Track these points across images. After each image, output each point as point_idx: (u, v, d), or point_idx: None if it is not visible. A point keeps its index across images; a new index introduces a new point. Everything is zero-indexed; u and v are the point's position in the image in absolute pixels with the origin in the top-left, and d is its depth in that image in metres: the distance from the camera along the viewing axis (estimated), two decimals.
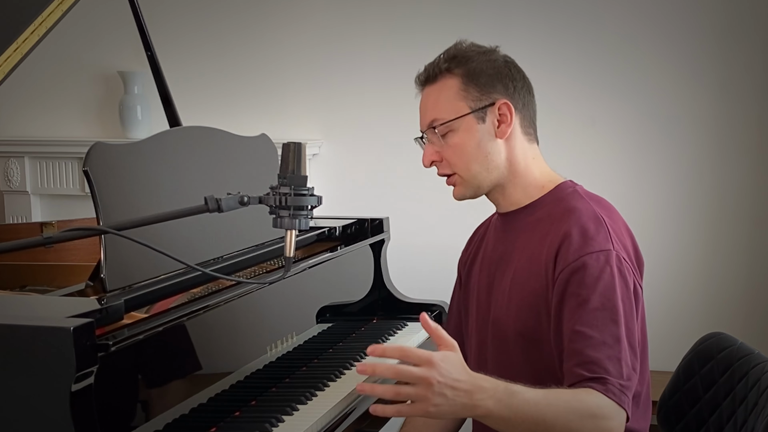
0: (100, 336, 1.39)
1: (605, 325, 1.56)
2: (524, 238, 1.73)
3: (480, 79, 1.70)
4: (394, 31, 3.49)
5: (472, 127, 1.70)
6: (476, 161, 1.72)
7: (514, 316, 1.70)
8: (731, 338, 1.85)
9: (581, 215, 1.65)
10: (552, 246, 1.64)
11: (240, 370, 1.78)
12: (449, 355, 1.45)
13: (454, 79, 1.71)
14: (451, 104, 1.71)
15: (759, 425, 1.62)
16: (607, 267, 1.58)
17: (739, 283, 3.27)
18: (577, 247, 1.61)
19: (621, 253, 1.62)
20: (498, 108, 1.70)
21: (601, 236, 1.62)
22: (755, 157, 3.23)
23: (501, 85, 1.71)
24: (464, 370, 1.45)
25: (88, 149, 1.69)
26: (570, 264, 1.60)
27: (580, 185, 1.77)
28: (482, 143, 1.71)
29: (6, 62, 2.07)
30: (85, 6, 2.35)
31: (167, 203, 1.79)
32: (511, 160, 1.73)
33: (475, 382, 1.44)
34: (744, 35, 3.19)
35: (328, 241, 2.36)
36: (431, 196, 3.47)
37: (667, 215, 3.32)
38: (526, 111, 1.74)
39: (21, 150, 3.77)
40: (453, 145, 1.72)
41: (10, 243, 1.41)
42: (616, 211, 1.75)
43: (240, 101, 3.66)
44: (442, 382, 1.41)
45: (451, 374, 1.42)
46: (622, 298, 1.58)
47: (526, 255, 1.70)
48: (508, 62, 1.75)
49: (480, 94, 1.70)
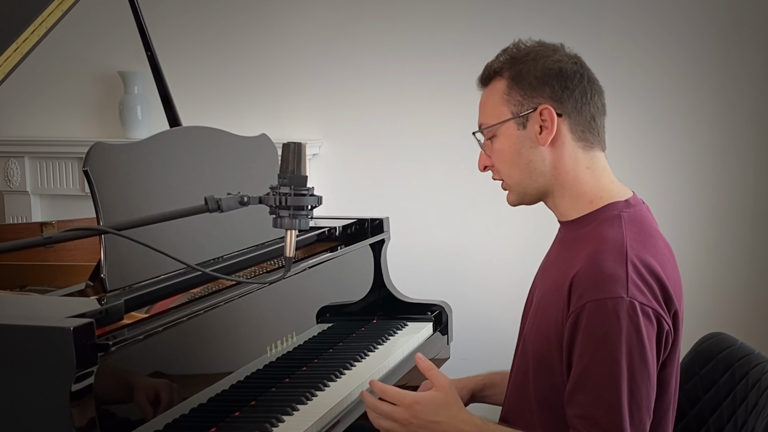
0: (100, 336, 1.39)
1: (604, 381, 1.48)
2: (561, 255, 1.66)
3: (524, 82, 1.62)
4: (395, 31, 3.49)
5: (512, 133, 1.63)
6: (518, 168, 1.64)
7: (533, 335, 1.64)
8: (731, 338, 1.85)
9: (603, 248, 1.53)
10: (568, 279, 1.54)
11: (240, 370, 1.78)
12: (429, 396, 1.55)
13: (501, 82, 1.64)
14: (495, 109, 1.64)
15: (759, 425, 1.62)
16: (613, 317, 1.47)
17: (740, 284, 3.27)
18: (584, 289, 1.50)
19: (638, 299, 1.48)
20: (540, 113, 1.60)
21: (615, 280, 1.49)
22: (756, 157, 3.23)
23: (548, 88, 1.61)
24: (446, 412, 1.54)
25: (88, 149, 1.69)
26: (577, 308, 1.50)
27: (637, 209, 1.63)
28: (523, 150, 1.62)
29: (6, 62, 2.07)
30: (85, 6, 2.35)
31: (167, 203, 1.79)
32: (558, 168, 1.62)
33: (455, 425, 1.53)
34: (745, 35, 3.19)
35: (328, 241, 2.36)
36: (431, 196, 3.47)
37: (667, 215, 3.32)
38: (579, 116, 1.63)
39: (21, 150, 3.77)
40: (496, 150, 1.66)
41: (10, 243, 1.41)
42: (660, 243, 1.63)
43: (240, 101, 3.66)
44: (414, 423, 1.53)
45: (428, 415, 1.53)
46: (629, 351, 1.47)
47: (555, 277, 1.62)
48: (564, 62, 1.64)
49: (522, 98, 1.62)
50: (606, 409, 1.48)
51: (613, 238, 1.54)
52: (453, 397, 1.57)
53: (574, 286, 1.52)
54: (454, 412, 1.55)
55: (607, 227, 1.57)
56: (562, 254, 1.65)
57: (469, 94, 1.81)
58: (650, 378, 1.50)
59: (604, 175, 1.66)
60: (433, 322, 2.49)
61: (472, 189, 3.39)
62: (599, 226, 1.59)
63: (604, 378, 1.48)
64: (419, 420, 1.53)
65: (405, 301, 2.54)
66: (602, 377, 1.48)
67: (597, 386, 1.48)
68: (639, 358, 1.48)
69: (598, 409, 1.48)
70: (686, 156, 3.28)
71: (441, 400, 1.55)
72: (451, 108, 3.36)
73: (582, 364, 1.50)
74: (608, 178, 1.66)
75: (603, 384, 1.48)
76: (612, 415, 1.47)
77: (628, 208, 1.61)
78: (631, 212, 1.61)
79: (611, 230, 1.56)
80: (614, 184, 1.66)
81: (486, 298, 3.40)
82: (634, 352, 1.47)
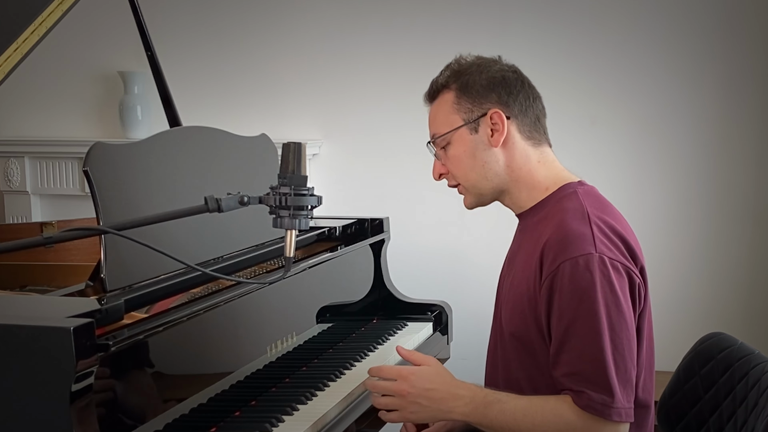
0: (100, 336, 1.39)
1: (586, 336, 1.56)
2: (527, 240, 1.75)
3: (472, 91, 1.74)
4: (394, 30, 3.49)
5: (465, 138, 1.75)
6: (473, 170, 1.76)
7: (508, 317, 1.73)
8: (731, 338, 1.85)
9: (566, 215, 1.65)
10: (538, 250, 1.65)
11: (240, 370, 1.78)
12: (422, 369, 1.67)
13: (449, 94, 1.77)
14: (447, 118, 1.77)
15: (759, 425, 1.62)
16: (587, 273, 1.56)
17: (740, 283, 3.27)
18: (556, 253, 1.60)
19: (606, 254, 1.58)
20: (490, 117, 1.72)
21: (583, 238, 1.59)
22: (755, 157, 3.23)
23: (494, 95, 1.73)
24: (439, 379, 1.65)
25: (88, 149, 1.69)
26: (551, 272, 1.60)
27: (590, 186, 1.76)
28: (477, 153, 1.74)
29: (6, 62, 2.07)
30: (85, 6, 2.35)
31: (167, 203, 1.79)
32: (512, 166, 1.75)
33: (450, 390, 1.64)
34: (745, 35, 3.19)
35: (328, 241, 2.36)
36: (431, 196, 3.47)
37: (668, 215, 3.32)
38: (525, 117, 1.75)
39: (21, 150, 3.77)
40: (451, 157, 1.78)
41: (10, 243, 1.41)
42: (616, 211, 1.73)
43: (240, 101, 3.66)
44: (413, 392, 1.63)
45: (423, 385, 1.63)
46: (606, 304, 1.56)
47: (524, 258, 1.72)
48: (506, 71, 1.77)
49: (472, 105, 1.74)
50: (591, 362, 1.56)
51: (574, 207, 1.67)
52: (440, 367, 1.70)
53: (545, 254, 1.62)
54: (446, 379, 1.66)
55: (566, 201, 1.70)
56: (526, 239, 1.75)
57: None
58: (629, 329, 1.59)
59: (554, 166, 1.78)
60: (433, 322, 2.49)
61: None
62: (558, 202, 1.71)
63: (585, 332, 1.56)
64: (416, 389, 1.63)
65: (405, 301, 2.54)
66: (584, 332, 1.56)
67: (580, 342, 1.56)
68: (615, 309, 1.57)
69: (584, 364, 1.56)
70: (686, 156, 3.28)
71: (433, 370, 1.67)
72: None
73: (562, 324, 1.58)
74: (558, 167, 1.79)
75: (585, 338, 1.56)
76: (598, 367, 1.55)
77: (581, 186, 1.75)
78: (585, 188, 1.74)
79: (570, 203, 1.69)
80: (564, 172, 1.79)
81: (486, 298, 3.38)
82: (609, 304, 1.56)
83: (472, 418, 1.62)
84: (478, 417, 1.61)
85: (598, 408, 1.54)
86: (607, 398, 1.54)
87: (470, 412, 1.61)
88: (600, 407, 1.54)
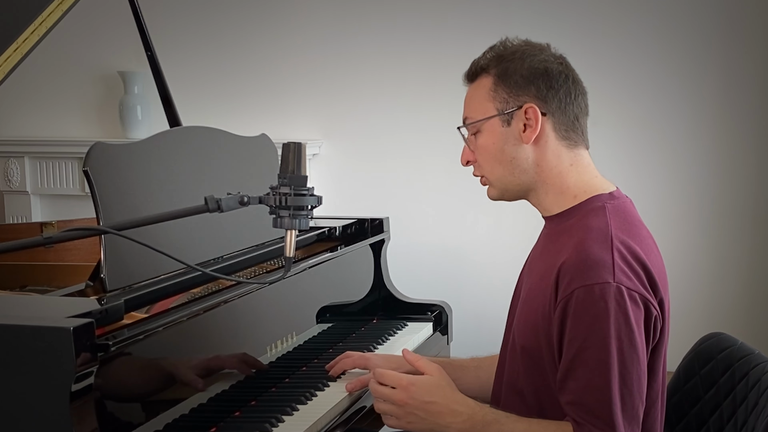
0: (100, 336, 1.39)
1: (595, 367, 1.49)
2: (547, 248, 1.67)
3: (510, 81, 1.63)
4: (394, 31, 3.49)
5: (496, 129, 1.64)
6: (500, 164, 1.66)
7: (520, 329, 1.66)
8: (732, 338, 1.85)
9: (587, 236, 1.55)
10: (555, 268, 1.56)
11: (241, 369, 1.78)
12: (424, 379, 1.62)
13: (488, 79, 1.65)
14: (481, 105, 1.66)
15: (759, 425, 1.62)
16: (601, 302, 1.48)
17: (740, 284, 3.27)
18: (572, 277, 1.51)
19: (625, 284, 1.49)
20: (525, 112, 1.62)
21: (602, 265, 1.50)
22: (755, 157, 3.23)
23: (533, 88, 1.62)
24: (440, 392, 1.60)
25: (88, 149, 1.69)
26: (565, 296, 1.52)
27: (622, 200, 1.65)
28: (507, 147, 1.64)
29: (6, 62, 2.07)
30: (85, 6, 2.35)
31: (167, 203, 1.79)
32: (542, 165, 1.64)
33: (449, 405, 1.59)
34: (746, 35, 3.19)
35: (328, 241, 2.36)
36: (431, 196, 3.47)
37: (668, 216, 3.32)
38: (563, 115, 1.64)
39: (21, 150, 3.78)
40: (480, 146, 1.67)
41: (10, 243, 1.41)
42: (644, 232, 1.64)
43: (240, 101, 3.66)
44: (411, 403, 1.59)
45: (422, 397, 1.59)
46: (619, 336, 1.48)
47: (542, 269, 1.64)
48: (550, 62, 1.65)
49: (508, 96, 1.63)
50: (597, 394, 1.49)
51: (598, 227, 1.56)
52: (445, 379, 1.64)
53: (561, 275, 1.53)
54: (447, 393, 1.61)
55: (591, 217, 1.59)
56: (548, 247, 1.67)
57: None
58: (640, 363, 1.51)
59: (587, 171, 1.67)
60: (433, 322, 2.49)
61: (472, 189, 3.37)
62: (584, 217, 1.61)
63: (594, 363, 1.49)
64: (415, 401, 1.59)
65: (405, 301, 2.54)
66: (592, 363, 1.49)
67: (587, 372, 1.50)
68: (628, 342, 1.49)
69: (589, 395, 1.50)
70: (687, 156, 3.28)
71: (434, 382, 1.62)
72: (452, 108, 3.35)
73: (572, 350, 1.51)
74: (592, 173, 1.68)
75: (593, 369, 1.49)
76: (603, 401, 1.49)
77: (612, 200, 1.63)
78: (615, 203, 1.63)
79: (596, 220, 1.58)
80: (598, 179, 1.68)
81: (486, 298, 3.40)
82: (623, 336, 1.49)
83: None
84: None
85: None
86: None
87: (467, 429, 1.57)
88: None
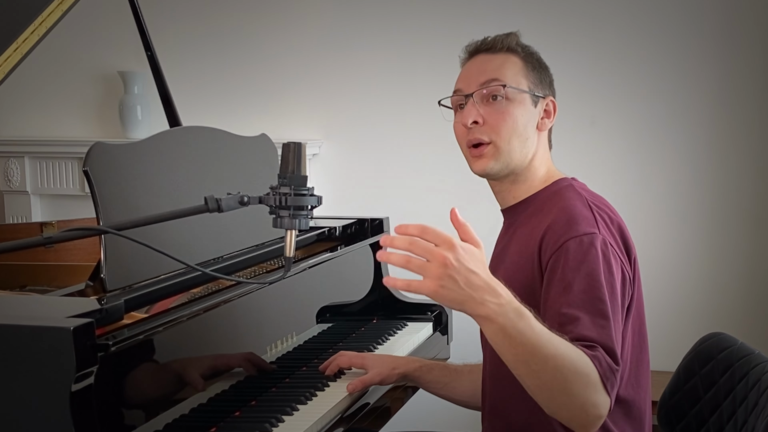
0: (100, 336, 1.39)
1: (592, 305, 1.52)
2: (519, 233, 1.74)
3: (537, 70, 1.77)
4: (395, 30, 3.49)
5: (527, 105, 1.74)
6: (518, 138, 1.73)
7: None
8: (731, 338, 1.85)
9: (568, 201, 1.66)
10: (536, 238, 1.64)
11: (240, 370, 1.78)
12: (472, 248, 1.41)
13: (517, 58, 1.76)
14: (516, 76, 1.74)
15: (759, 425, 1.62)
16: (592, 249, 1.56)
17: (740, 283, 3.27)
18: (561, 232, 1.60)
19: (608, 239, 1.60)
20: (547, 103, 1.77)
21: (587, 221, 1.61)
22: (755, 157, 3.23)
23: (550, 83, 1.80)
24: (483, 267, 1.40)
25: (88, 149, 1.69)
26: (554, 251, 1.58)
27: (581, 182, 1.79)
28: (529, 125, 1.74)
29: (6, 62, 2.07)
30: (85, 6, 2.35)
31: (167, 203, 1.79)
32: (536, 154, 1.76)
33: (490, 283, 1.39)
34: (745, 35, 3.19)
35: (328, 241, 2.36)
36: (431, 196, 3.47)
37: (668, 215, 3.32)
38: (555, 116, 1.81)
39: (21, 150, 3.77)
40: (504, 111, 1.72)
41: (10, 243, 1.41)
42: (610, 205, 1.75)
43: (240, 101, 3.66)
44: (455, 266, 1.36)
45: (468, 263, 1.37)
46: (606, 281, 1.55)
47: (517, 250, 1.71)
48: None
49: (539, 82, 1.76)
50: (598, 330, 1.50)
51: (574, 195, 1.69)
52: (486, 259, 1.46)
53: (547, 236, 1.61)
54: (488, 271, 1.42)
55: (564, 192, 1.71)
56: (518, 234, 1.74)
57: None
58: (618, 312, 1.56)
59: (552, 164, 1.82)
60: (433, 322, 2.49)
61: (472, 189, 3.38)
62: (556, 193, 1.72)
63: (590, 301, 1.52)
64: (459, 265, 1.37)
65: (405, 301, 2.54)
66: (589, 301, 1.52)
67: (585, 311, 1.51)
68: (610, 289, 1.55)
69: (591, 330, 1.49)
70: (686, 156, 3.28)
71: (480, 255, 1.42)
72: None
73: (567, 295, 1.53)
74: (555, 167, 1.82)
75: (591, 307, 1.52)
76: (604, 335, 1.49)
77: (575, 181, 1.78)
78: (579, 183, 1.77)
79: (568, 192, 1.71)
80: (559, 171, 1.81)
81: None
82: (607, 282, 1.55)
83: (499, 319, 1.39)
84: (508, 322, 1.39)
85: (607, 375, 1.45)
86: (615, 364, 1.47)
87: (502, 312, 1.39)
88: (608, 375, 1.45)
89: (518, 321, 1.39)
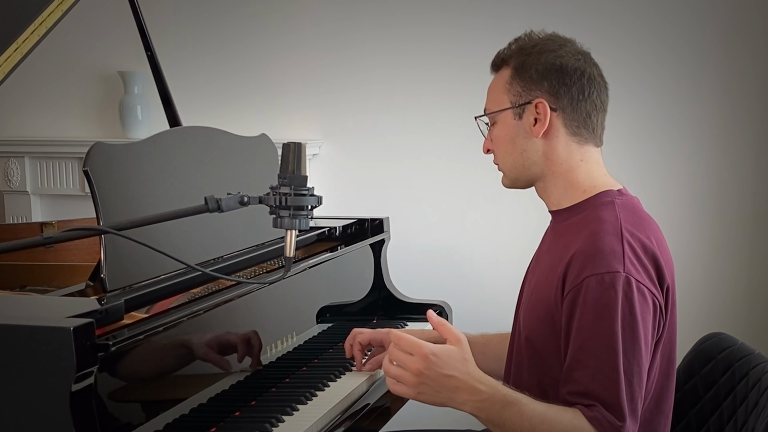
0: (100, 336, 1.39)
1: (604, 355, 1.49)
2: (555, 242, 1.70)
3: (526, 75, 1.68)
4: (395, 30, 3.49)
5: (509, 122, 1.70)
6: (511, 156, 1.71)
7: (526, 321, 1.67)
8: (732, 338, 1.85)
9: (599, 228, 1.58)
10: (564, 260, 1.58)
11: (240, 370, 1.78)
12: (446, 350, 1.50)
13: (507, 71, 1.72)
14: (497, 96, 1.72)
15: (759, 425, 1.62)
16: (611, 291, 1.50)
17: (740, 284, 3.27)
18: (582, 267, 1.54)
19: (633, 275, 1.53)
20: (535, 107, 1.67)
21: (612, 254, 1.53)
22: (756, 157, 3.23)
23: (547, 83, 1.66)
24: (462, 367, 1.49)
25: (88, 149, 1.69)
26: (575, 286, 1.54)
27: (629, 197, 1.70)
28: (518, 140, 1.69)
29: (6, 62, 2.07)
30: (85, 6, 2.35)
31: (167, 203, 1.79)
32: (552, 159, 1.68)
33: (470, 383, 1.49)
34: (745, 34, 3.19)
35: (328, 241, 2.36)
36: (431, 196, 3.47)
37: (668, 215, 3.32)
38: (575, 111, 1.67)
39: (21, 150, 3.77)
40: (494, 137, 1.74)
41: (10, 243, 1.41)
42: (653, 224, 1.68)
43: (240, 101, 3.66)
44: (428, 374, 1.47)
45: (442, 368, 1.47)
46: (623, 326, 1.50)
47: (550, 262, 1.66)
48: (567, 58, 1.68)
49: (522, 90, 1.68)
50: (604, 381, 1.49)
51: (609, 220, 1.60)
52: (468, 353, 1.52)
53: (571, 266, 1.56)
54: (468, 369, 1.50)
55: (602, 211, 1.63)
56: (556, 241, 1.70)
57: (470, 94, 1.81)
58: (642, 356, 1.52)
59: (597, 168, 1.72)
60: None
61: (472, 189, 3.39)
62: (594, 210, 1.65)
63: (601, 352, 1.50)
64: (432, 372, 1.47)
65: (405, 301, 2.54)
66: (600, 352, 1.50)
67: (595, 361, 1.50)
68: (630, 333, 1.51)
69: (597, 383, 1.50)
70: (687, 156, 3.28)
71: (457, 355, 1.50)
72: (452, 107, 3.36)
73: (580, 339, 1.52)
74: (601, 171, 1.73)
75: (600, 358, 1.50)
76: (610, 387, 1.49)
77: (621, 197, 1.68)
78: (624, 199, 1.68)
79: (606, 213, 1.62)
80: (606, 177, 1.73)
81: (486, 298, 3.39)
82: (626, 327, 1.51)
83: (483, 414, 1.49)
84: (492, 415, 1.48)
85: (606, 424, 1.48)
86: (618, 421, 1.48)
87: (484, 407, 1.48)
88: (607, 424, 1.48)
89: (504, 411, 1.48)
